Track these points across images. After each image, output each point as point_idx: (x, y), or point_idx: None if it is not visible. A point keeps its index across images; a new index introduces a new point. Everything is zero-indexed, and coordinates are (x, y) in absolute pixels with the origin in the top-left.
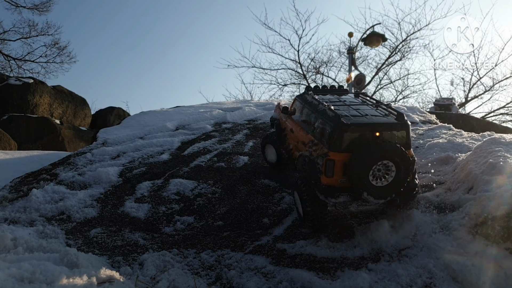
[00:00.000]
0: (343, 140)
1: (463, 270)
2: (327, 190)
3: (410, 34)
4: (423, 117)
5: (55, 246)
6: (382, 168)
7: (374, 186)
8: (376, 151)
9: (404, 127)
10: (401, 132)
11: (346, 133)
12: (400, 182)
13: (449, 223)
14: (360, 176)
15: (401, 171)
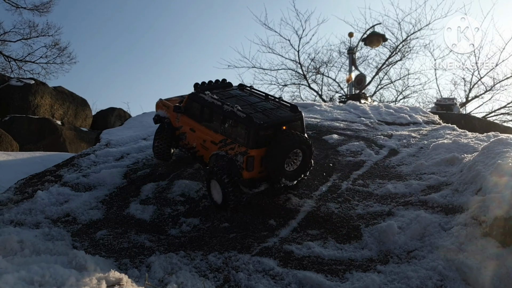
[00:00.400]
0: (259, 138)
1: (474, 272)
2: (250, 182)
3: (410, 34)
4: (426, 118)
5: (62, 248)
6: (292, 156)
7: (287, 171)
8: (288, 143)
9: (299, 117)
10: (298, 122)
11: (260, 131)
12: (306, 164)
13: (458, 225)
14: (278, 166)
15: (306, 156)
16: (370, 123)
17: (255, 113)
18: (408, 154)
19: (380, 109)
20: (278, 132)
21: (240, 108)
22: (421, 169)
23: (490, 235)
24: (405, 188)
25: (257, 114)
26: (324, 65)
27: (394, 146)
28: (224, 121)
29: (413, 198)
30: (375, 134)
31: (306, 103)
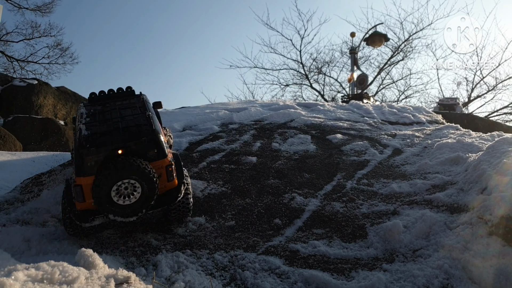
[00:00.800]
0: (86, 164)
1: (480, 270)
2: (82, 215)
3: (412, 33)
4: (429, 117)
5: (69, 247)
6: (128, 186)
7: (120, 206)
8: (113, 171)
9: (151, 140)
10: (149, 145)
11: (88, 156)
12: (148, 197)
13: (463, 224)
14: (101, 198)
15: (145, 187)
16: (373, 122)
17: (100, 133)
18: (412, 154)
19: (383, 108)
20: (111, 157)
21: (88, 125)
22: (425, 168)
23: (496, 234)
24: (409, 187)
25: (99, 134)
26: (326, 65)
27: (398, 145)
28: (74, 143)
29: (418, 197)
30: (378, 133)
31: (309, 102)
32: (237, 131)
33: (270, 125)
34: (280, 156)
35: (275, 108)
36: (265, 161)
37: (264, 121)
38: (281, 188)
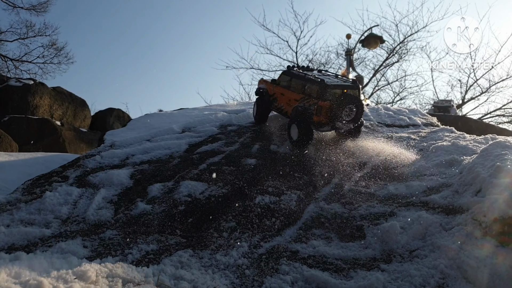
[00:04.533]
0: (327, 94)
1: (475, 270)
2: (318, 124)
3: (407, 36)
4: (424, 120)
5: (73, 247)
6: (348, 110)
7: (344, 120)
8: (346, 100)
9: (357, 87)
10: (356, 91)
11: (328, 89)
12: (358, 117)
13: (459, 225)
14: (337, 114)
15: (359, 111)
16: (370, 125)
17: (326, 79)
18: None
19: (380, 111)
20: (341, 92)
21: (316, 76)
22: (421, 170)
23: (489, 235)
24: (406, 189)
25: (328, 80)
26: (322, 66)
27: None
28: (304, 85)
29: (414, 199)
30: (375, 136)
31: None
32: (236, 133)
33: (269, 127)
34: (278, 158)
35: None
36: (264, 163)
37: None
38: (280, 189)
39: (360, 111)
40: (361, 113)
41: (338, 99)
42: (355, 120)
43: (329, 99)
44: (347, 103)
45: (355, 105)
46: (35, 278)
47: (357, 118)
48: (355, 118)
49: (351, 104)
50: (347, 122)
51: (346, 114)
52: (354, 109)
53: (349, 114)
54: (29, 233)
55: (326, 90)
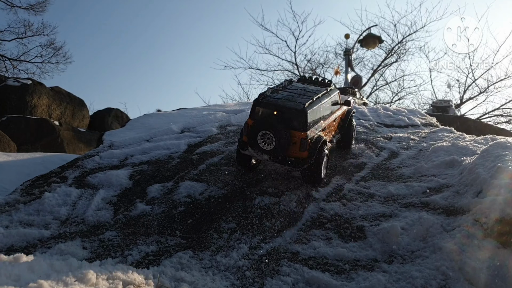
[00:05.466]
0: (256, 112)
1: (477, 272)
2: (242, 145)
3: (406, 36)
4: (424, 120)
5: (73, 249)
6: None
7: (262, 148)
8: (256, 123)
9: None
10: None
11: (258, 107)
12: (281, 147)
13: (460, 226)
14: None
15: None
16: (369, 125)
17: (272, 96)
18: (408, 156)
19: (379, 111)
20: (271, 113)
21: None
22: (421, 171)
23: (491, 236)
24: (406, 190)
25: (270, 97)
26: (321, 66)
27: (394, 148)
28: None
29: (414, 200)
30: (374, 136)
31: None
32: (235, 133)
33: None
34: None
35: None
36: (264, 163)
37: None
38: (280, 189)
39: (282, 143)
40: (284, 146)
41: (257, 121)
42: (274, 153)
43: (254, 118)
44: (258, 128)
45: (272, 133)
46: (35, 280)
47: (278, 150)
48: (274, 150)
49: (264, 131)
50: (260, 151)
51: (262, 141)
52: (272, 138)
53: (267, 142)
54: (28, 234)
55: (256, 106)
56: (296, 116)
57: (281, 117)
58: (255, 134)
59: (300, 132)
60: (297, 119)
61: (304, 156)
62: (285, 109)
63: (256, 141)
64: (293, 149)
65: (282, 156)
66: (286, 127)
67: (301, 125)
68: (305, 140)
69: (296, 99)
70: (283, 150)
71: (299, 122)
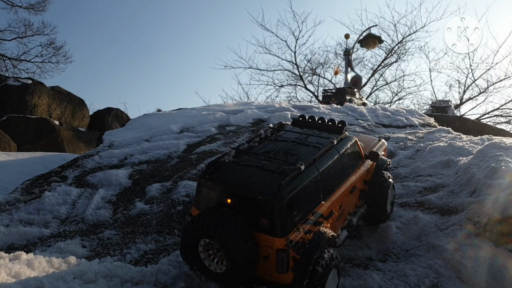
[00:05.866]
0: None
1: (469, 270)
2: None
3: (406, 36)
4: (422, 120)
5: (72, 247)
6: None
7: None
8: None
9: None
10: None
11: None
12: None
13: (454, 225)
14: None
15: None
16: (367, 125)
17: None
18: (405, 157)
19: (377, 111)
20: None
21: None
22: (417, 171)
23: (484, 235)
24: (402, 190)
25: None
26: (320, 66)
27: (391, 148)
28: None
29: (410, 199)
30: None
31: (304, 105)
32: (234, 133)
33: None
34: None
35: (271, 110)
36: None
37: (260, 123)
38: None
39: (240, 260)
40: (243, 266)
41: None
42: (228, 280)
43: (199, 207)
44: (197, 234)
45: (219, 244)
46: (35, 277)
47: (234, 275)
48: (228, 275)
49: (207, 239)
50: (204, 275)
51: (209, 256)
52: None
53: (216, 259)
54: (28, 233)
55: (200, 184)
56: (265, 208)
57: (239, 209)
58: (194, 243)
59: (273, 237)
60: (268, 215)
61: (285, 281)
62: (244, 194)
63: (196, 256)
64: (265, 268)
65: (244, 282)
66: (244, 229)
67: (275, 224)
68: (285, 253)
69: (271, 168)
70: (245, 273)
71: (270, 219)
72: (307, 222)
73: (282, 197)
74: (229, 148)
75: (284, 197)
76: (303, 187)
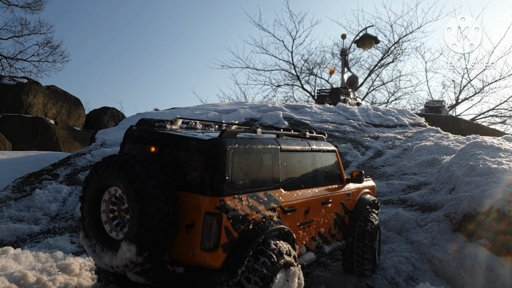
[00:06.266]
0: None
1: (443, 264)
2: None
3: (402, 36)
4: (412, 120)
5: (61, 243)
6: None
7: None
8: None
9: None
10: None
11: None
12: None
13: (432, 221)
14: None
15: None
16: (358, 125)
17: None
18: (392, 156)
19: (369, 111)
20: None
21: None
22: (403, 169)
23: (459, 231)
24: (387, 188)
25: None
26: (317, 66)
27: (379, 147)
28: None
29: (393, 197)
30: (362, 135)
31: (297, 105)
32: None
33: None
34: None
35: (264, 110)
36: None
37: (252, 123)
38: None
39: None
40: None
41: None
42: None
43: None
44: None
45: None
46: (20, 270)
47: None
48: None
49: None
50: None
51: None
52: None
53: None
54: (17, 230)
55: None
56: (199, 157)
57: (166, 160)
58: (96, 195)
59: (203, 196)
60: (200, 165)
61: (212, 264)
62: (174, 141)
63: (96, 216)
64: (187, 243)
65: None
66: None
67: (208, 178)
68: (215, 217)
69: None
70: (155, 243)
71: (203, 170)
72: (255, 198)
73: (222, 144)
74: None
75: (225, 145)
76: (255, 151)
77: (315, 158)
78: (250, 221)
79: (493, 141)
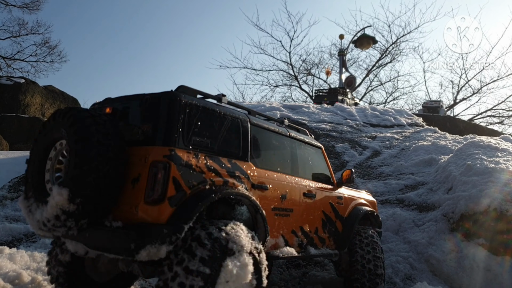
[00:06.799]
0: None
1: (441, 263)
2: None
3: (400, 36)
4: (410, 120)
5: None
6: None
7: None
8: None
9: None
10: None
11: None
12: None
13: (429, 221)
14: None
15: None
16: (355, 125)
17: None
18: (390, 155)
19: (366, 111)
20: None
21: None
22: (400, 169)
23: (457, 230)
24: (384, 188)
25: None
26: (315, 66)
27: (377, 147)
28: None
29: (391, 197)
30: (359, 135)
31: (294, 104)
32: None
33: None
34: None
35: (262, 110)
36: None
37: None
38: None
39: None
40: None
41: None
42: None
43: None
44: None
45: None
46: (15, 270)
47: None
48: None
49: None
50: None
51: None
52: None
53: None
54: (13, 229)
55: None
56: (150, 109)
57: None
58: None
59: (151, 146)
60: (152, 116)
61: (157, 218)
62: (129, 99)
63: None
64: (131, 198)
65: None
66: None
67: (158, 128)
68: (162, 165)
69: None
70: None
71: (154, 121)
72: (215, 160)
73: (176, 95)
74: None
75: (179, 96)
76: (217, 114)
77: (295, 146)
78: (207, 181)
79: (491, 141)
